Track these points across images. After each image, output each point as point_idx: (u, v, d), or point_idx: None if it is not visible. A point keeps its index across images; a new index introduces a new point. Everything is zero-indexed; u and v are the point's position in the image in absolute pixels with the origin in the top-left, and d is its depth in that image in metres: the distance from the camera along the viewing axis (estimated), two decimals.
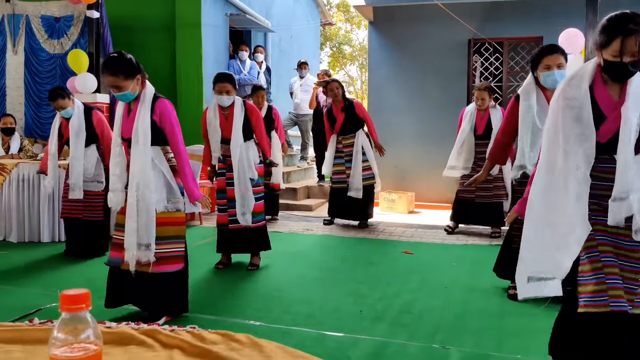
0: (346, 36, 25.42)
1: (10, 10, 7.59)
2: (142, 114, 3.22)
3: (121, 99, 3.29)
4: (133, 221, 3.19)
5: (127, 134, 3.30)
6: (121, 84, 3.17)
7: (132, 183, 3.21)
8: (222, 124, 4.52)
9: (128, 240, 3.21)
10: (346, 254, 5.36)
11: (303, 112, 9.14)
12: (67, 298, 0.77)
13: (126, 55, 3.23)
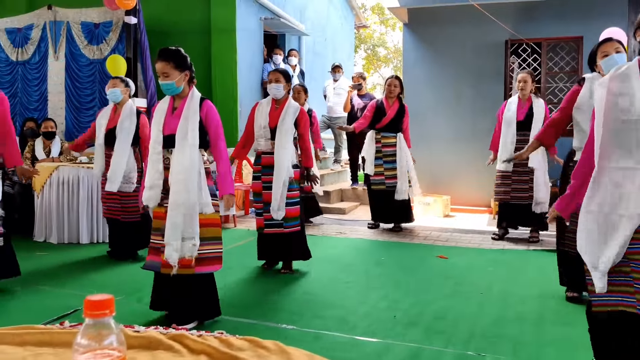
0: (381, 38, 25.31)
1: (52, 17, 7.80)
2: (192, 112, 3.27)
3: (165, 88, 3.32)
4: (177, 215, 3.18)
5: (168, 130, 3.32)
6: (169, 71, 3.24)
7: (177, 178, 3.21)
8: (271, 113, 4.54)
9: (170, 234, 3.18)
10: (380, 258, 5.31)
11: (336, 115, 9.12)
12: (90, 304, 0.76)
13: (182, 50, 3.35)
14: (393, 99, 6.49)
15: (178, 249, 3.20)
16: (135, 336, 1.12)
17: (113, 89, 5.10)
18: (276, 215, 4.46)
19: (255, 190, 4.65)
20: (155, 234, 3.39)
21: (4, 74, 8.14)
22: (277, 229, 4.54)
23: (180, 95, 3.38)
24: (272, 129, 4.53)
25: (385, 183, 6.47)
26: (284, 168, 4.44)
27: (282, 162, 4.44)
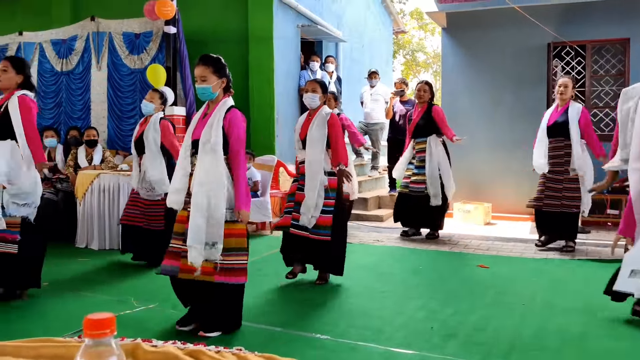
0: (420, 44, 25.10)
1: (95, 28, 7.99)
2: (217, 119, 3.28)
3: (200, 92, 3.33)
4: (198, 219, 3.16)
5: (195, 136, 3.35)
6: (207, 75, 3.29)
7: (199, 183, 3.21)
8: (304, 124, 4.54)
9: (192, 238, 3.16)
10: (418, 267, 5.20)
11: (374, 121, 9.05)
12: (90, 323, 0.73)
13: (222, 59, 3.39)
14: (423, 104, 6.41)
15: (201, 253, 3.19)
16: (153, 351, 1.08)
17: (148, 102, 5.21)
18: (306, 222, 4.41)
19: (291, 191, 4.64)
20: (175, 237, 3.38)
21: (49, 84, 8.39)
22: (303, 232, 4.45)
23: (213, 102, 3.40)
24: (302, 140, 4.54)
25: (409, 187, 6.37)
26: (317, 175, 4.39)
27: (314, 169, 4.40)
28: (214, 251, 3.21)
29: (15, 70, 4.06)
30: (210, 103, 3.43)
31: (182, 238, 3.30)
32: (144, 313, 3.78)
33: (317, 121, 4.46)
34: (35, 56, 8.39)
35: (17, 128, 3.93)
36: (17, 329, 3.47)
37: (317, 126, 4.45)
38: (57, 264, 5.09)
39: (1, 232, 3.92)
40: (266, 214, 6.68)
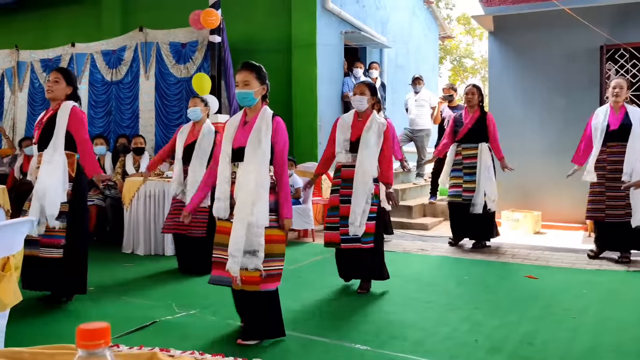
0: (467, 49, 24.70)
1: (143, 38, 8.19)
2: (264, 125, 3.26)
3: (242, 97, 3.32)
4: (242, 228, 3.15)
5: (238, 144, 3.32)
6: (251, 80, 3.29)
7: (245, 191, 3.19)
8: (354, 126, 4.47)
9: (234, 246, 3.15)
10: (463, 277, 5.05)
11: (419, 127, 8.91)
12: (83, 333, 0.69)
13: (263, 68, 3.42)
14: (473, 108, 6.25)
15: (239, 262, 3.16)
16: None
17: (194, 107, 5.26)
18: (355, 231, 4.34)
19: (332, 204, 4.53)
20: (217, 248, 3.35)
21: (99, 93, 8.64)
22: (356, 244, 4.38)
23: (252, 109, 3.39)
24: (352, 142, 4.45)
25: (462, 196, 6.20)
26: (367, 183, 4.32)
27: (365, 176, 4.32)
28: (254, 259, 3.18)
29: (65, 81, 4.17)
30: (249, 111, 3.41)
31: (224, 248, 3.30)
32: (184, 319, 3.80)
33: (374, 128, 4.38)
34: (87, 67, 8.66)
35: (57, 136, 4.02)
36: (59, 333, 3.54)
37: (374, 133, 4.36)
38: (104, 269, 5.20)
39: (46, 238, 4.02)
40: (308, 221, 6.65)
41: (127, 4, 9.43)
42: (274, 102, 7.65)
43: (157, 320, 3.72)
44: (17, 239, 1.84)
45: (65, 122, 4.07)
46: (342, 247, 4.41)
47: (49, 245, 4.03)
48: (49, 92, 4.15)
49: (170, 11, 8.77)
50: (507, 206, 7.59)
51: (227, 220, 3.32)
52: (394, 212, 7.83)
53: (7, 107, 9.43)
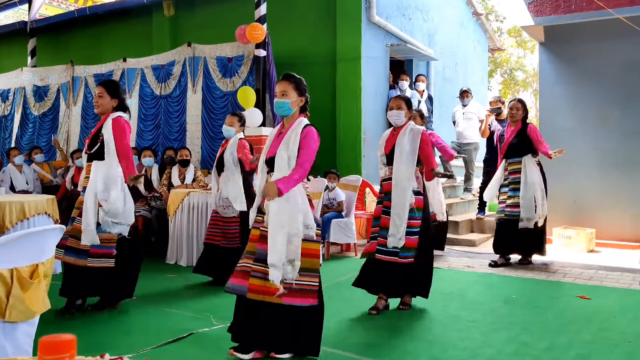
0: (518, 62, 24.15)
1: (191, 53, 8.34)
2: (294, 136, 3.24)
3: (278, 106, 3.31)
4: (280, 236, 3.10)
5: (270, 153, 3.32)
6: (289, 91, 3.30)
7: (280, 199, 3.13)
8: (389, 139, 4.41)
9: (274, 256, 3.10)
10: (510, 296, 4.84)
11: (466, 140, 8.71)
12: (46, 345, 0.63)
13: (304, 80, 3.41)
14: (515, 123, 6.06)
15: (280, 271, 3.11)
16: None
17: (229, 127, 5.32)
18: (395, 243, 4.22)
19: (376, 215, 4.45)
20: (247, 256, 3.30)
21: (149, 107, 8.84)
22: (391, 257, 4.25)
23: (289, 121, 3.37)
24: (387, 155, 4.37)
25: (505, 211, 5.99)
26: (404, 194, 4.21)
27: (401, 186, 4.21)
28: (290, 269, 3.12)
29: (109, 95, 4.26)
30: (286, 122, 3.39)
31: (253, 257, 3.26)
32: (221, 331, 3.76)
33: (408, 136, 4.30)
34: (137, 81, 8.89)
35: (108, 147, 4.11)
36: (99, 341, 3.57)
37: (408, 141, 4.28)
38: (147, 279, 5.23)
39: (99, 248, 4.08)
40: (350, 235, 6.56)
41: (177, 20, 9.65)
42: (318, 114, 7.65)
43: (194, 332, 3.70)
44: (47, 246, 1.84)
45: (111, 133, 4.15)
46: (376, 257, 4.30)
47: (100, 255, 4.10)
48: (97, 107, 4.28)
49: (217, 26, 8.92)
50: (558, 222, 7.29)
51: (255, 228, 3.32)
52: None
53: (62, 121, 9.78)
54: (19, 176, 7.56)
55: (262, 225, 3.25)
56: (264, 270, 3.16)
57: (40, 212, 5.10)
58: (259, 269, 3.19)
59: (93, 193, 4.07)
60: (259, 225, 3.28)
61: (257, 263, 3.21)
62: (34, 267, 1.78)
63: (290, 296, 3.16)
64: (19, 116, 10.35)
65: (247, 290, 3.21)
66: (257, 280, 3.18)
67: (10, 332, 1.73)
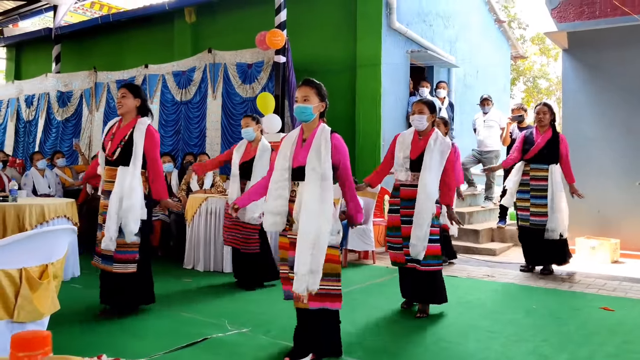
0: (542, 70, 23.85)
1: (212, 59, 8.39)
2: (324, 142, 3.19)
3: (300, 112, 3.27)
4: (308, 247, 3.07)
5: (298, 162, 3.26)
6: (311, 96, 3.27)
7: (309, 210, 3.10)
8: (414, 144, 4.34)
9: (300, 266, 3.08)
10: (531, 306, 4.73)
11: (487, 148, 8.59)
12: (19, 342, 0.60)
13: (324, 86, 3.39)
14: (544, 128, 5.96)
15: (306, 281, 3.08)
16: None
17: (246, 128, 5.31)
18: (416, 253, 4.17)
19: (393, 224, 4.38)
20: (282, 264, 3.35)
21: (170, 113, 8.90)
22: (415, 265, 4.25)
23: (309, 127, 3.32)
24: (413, 160, 4.30)
25: (530, 220, 5.89)
26: (430, 205, 4.15)
27: (428, 198, 4.15)
28: (312, 277, 3.09)
29: (132, 95, 4.27)
30: (306, 128, 3.35)
31: (288, 264, 3.27)
32: (236, 337, 3.74)
33: (439, 146, 4.24)
34: (158, 87, 8.97)
35: (135, 153, 4.10)
36: (114, 344, 3.56)
37: (437, 152, 4.22)
38: (164, 283, 5.25)
39: (122, 254, 4.09)
40: (368, 243, 6.49)
41: (198, 27, 9.72)
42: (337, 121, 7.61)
43: (208, 337, 3.68)
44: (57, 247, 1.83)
45: (142, 141, 4.14)
46: (408, 266, 4.31)
47: (124, 260, 4.11)
48: (120, 107, 4.25)
49: (238, 33, 8.96)
50: (582, 232, 7.14)
51: (283, 236, 3.32)
52: (459, 236, 7.56)
53: (85, 126, 9.90)
54: (41, 180, 7.65)
55: (290, 233, 3.24)
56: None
57: (60, 215, 5.15)
58: (293, 275, 3.18)
59: (118, 198, 4.06)
60: (286, 233, 3.28)
61: (292, 270, 3.20)
62: (44, 267, 1.77)
63: (318, 300, 3.15)
64: (42, 121, 10.52)
65: (293, 297, 3.25)
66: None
67: None
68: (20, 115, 11.04)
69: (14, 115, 11.13)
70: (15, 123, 11.10)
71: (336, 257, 3.23)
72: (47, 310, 1.80)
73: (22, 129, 11.00)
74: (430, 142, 4.25)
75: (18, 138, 11.04)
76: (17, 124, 11.08)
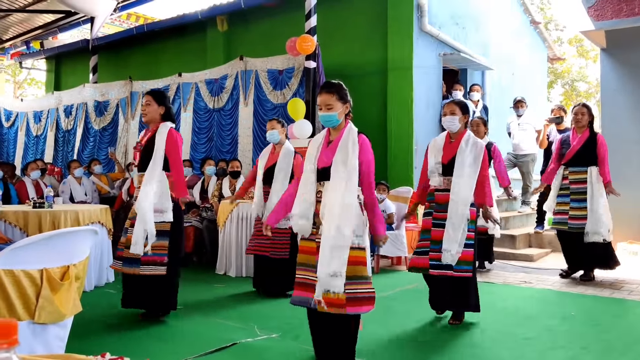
0: (580, 72, 23.27)
1: (243, 67, 8.45)
2: (351, 145, 3.14)
3: (326, 120, 3.23)
4: (331, 250, 3.02)
5: (323, 163, 3.22)
6: (333, 103, 3.19)
7: (332, 212, 3.05)
8: (445, 147, 4.25)
9: (323, 270, 3.02)
10: (569, 312, 4.57)
11: (523, 152, 8.39)
12: None
13: (343, 84, 3.30)
14: (582, 129, 5.77)
15: (329, 285, 3.02)
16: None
17: (272, 130, 5.29)
18: (450, 259, 4.06)
19: (425, 227, 4.28)
20: (301, 268, 3.25)
21: (202, 120, 9.00)
22: (446, 271, 4.09)
23: (336, 129, 3.28)
24: (445, 165, 4.20)
25: (569, 224, 5.70)
26: (463, 210, 4.04)
27: (461, 203, 4.04)
28: (337, 281, 3.02)
29: (156, 102, 4.32)
30: (333, 130, 3.31)
31: (309, 269, 3.19)
32: (265, 342, 3.71)
33: (471, 147, 4.13)
34: (192, 95, 9.08)
35: (155, 156, 4.15)
36: (142, 347, 3.58)
37: (469, 154, 4.11)
38: (196, 288, 5.29)
39: (151, 255, 4.12)
40: (401, 248, 6.40)
41: (230, 35, 9.82)
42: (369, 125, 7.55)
43: (237, 342, 3.66)
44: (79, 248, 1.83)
45: (164, 144, 4.20)
46: (431, 272, 4.14)
47: (152, 263, 4.13)
48: (144, 115, 4.33)
49: (269, 40, 9.00)
50: (623, 237, 6.88)
51: (310, 240, 3.23)
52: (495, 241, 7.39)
53: (121, 134, 10.09)
54: (78, 187, 7.82)
55: (317, 237, 3.17)
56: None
57: (94, 221, 5.23)
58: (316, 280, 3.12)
59: (146, 203, 4.10)
60: (314, 237, 3.21)
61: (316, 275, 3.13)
62: (65, 268, 1.77)
63: (353, 305, 3.06)
64: (80, 130, 10.77)
65: (310, 302, 3.15)
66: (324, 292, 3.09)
67: (40, 334, 1.72)
68: (60, 125, 11.33)
69: (54, 125, 11.43)
70: (54, 132, 11.40)
71: (362, 259, 3.15)
72: (68, 311, 1.80)
73: (61, 138, 11.29)
74: (462, 145, 4.15)
75: (57, 147, 11.33)
76: (57, 134, 11.38)
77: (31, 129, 12.04)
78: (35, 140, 11.92)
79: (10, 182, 7.61)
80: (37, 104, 12.22)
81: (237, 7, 9.16)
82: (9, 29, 12.43)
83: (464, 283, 4.16)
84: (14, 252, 1.67)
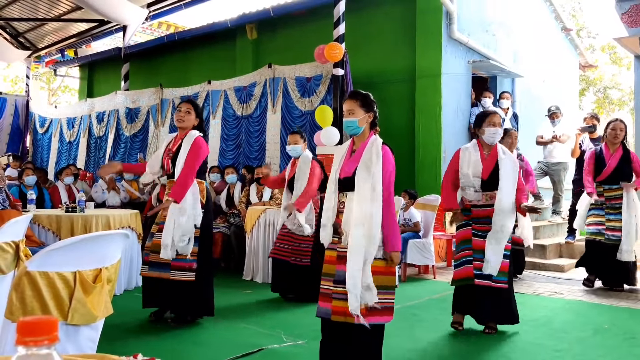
0: (613, 79, 22.82)
1: (272, 74, 8.51)
2: (375, 155, 3.10)
3: (346, 126, 3.21)
4: (358, 262, 2.98)
5: (344, 173, 3.19)
6: (355, 109, 3.17)
7: (358, 223, 3.02)
8: (484, 162, 4.19)
9: (351, 282, 2.98)
10: (602, 325, 4.47)
11: (555, 160, 8.25)
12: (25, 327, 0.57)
13: (371, 95, 3.29)
14: (615, 146, 5.64)
15: (360, 297, 2.99)
16: None
17: (295, 146, 5.34)
18: (491, 270, 4.03)
19: (464, 238, 4.22)
20: (325, 279, 3.21)
21: (231, 127, 9.08)
22: (487, 282, 4.07)
23: (360, 138, 3.25)
24: (484, 181, 4.15)
25: (605, 234, 5.58)
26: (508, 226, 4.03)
27: (506, 217, 4.03)
28: (369, 294, 3.00)
29: (196, 113, 4.40)
30: (356, 139, 3.29)
31: (332, 279, 3.17)
32: (291, 348, 3.72)
33: (509, 162, 4.12)
34: (221, 102, 9.18)
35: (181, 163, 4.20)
36: (169, 349, 3.61)
37: (511, 171, 4.09)
38: (223, 294, 5.31)
39: (181, 261, 4.17)
40: (429, 257, 6.35)
41: (259, 43, 9.91)
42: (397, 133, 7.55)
43: (263, 348, 3.67)
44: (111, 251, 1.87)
45: (188, 149, 4.25)
46: (476, 282, 4.09)
47: (181, 268, 4.18)
48: (180, 122, 4.34)
49: (297, 47, 9.06)
50: None
51: (331, 249, 3.20)
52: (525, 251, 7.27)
53: (151, 141, 10.25)
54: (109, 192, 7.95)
55: (339, 246, 3.14)
56: (345, 292, 3.03)
57: (124, 225, 5.32)
58: (340, 290, 3.07)
59: (177, 210, 4.15)
60: (335, 247, 3.18)
61: (338, 285, 3.09)
62: (97, 271, 1.81)
63: (373, 315, 3.03)
64: (112, 137, 10.97)
65: (330, 313, 3.11)
66: (339, 302, 3.07)
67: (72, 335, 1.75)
68: (92, 132, 11.57)
69: (86, 132, 11.68)
70: (87, 139, 11.65)
71: (389, 270, 3.12)
72: (101, 313, 1.83)
73: (93, 144, 11.53)
74: (503, 160, 4.11)
75: (89, 153, 11.57)
76: (89, 140, 11.62)
77: (64, 135, 12.32)
78: (68, 146, 12.19)
79: (44, 187, 7.79)
80: (71, 111, 12.51)
81: (266, 16, 9.25)
82: (45, 37, 12.77)
83: (503, 293, 4.12)
84: (49, 255, 1.71)
